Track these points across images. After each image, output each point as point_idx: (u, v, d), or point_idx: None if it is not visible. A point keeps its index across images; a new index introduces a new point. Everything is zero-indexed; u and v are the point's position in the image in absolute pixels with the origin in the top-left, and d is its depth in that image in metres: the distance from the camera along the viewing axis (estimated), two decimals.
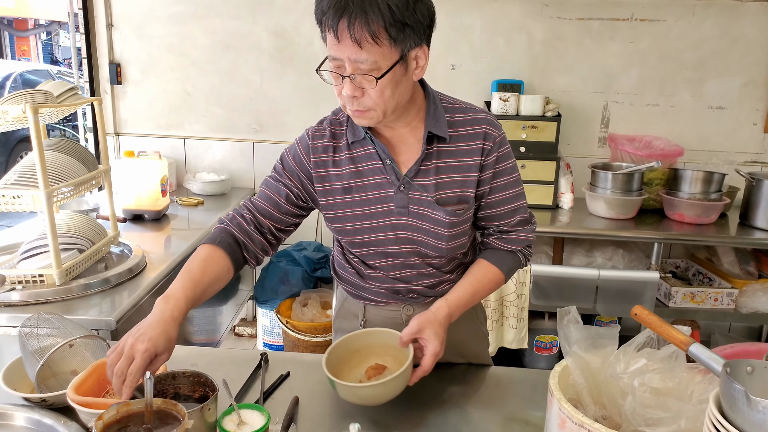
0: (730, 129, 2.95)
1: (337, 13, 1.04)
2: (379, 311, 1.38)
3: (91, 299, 1.69)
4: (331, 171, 1.27)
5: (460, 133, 1.24)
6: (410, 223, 1.25)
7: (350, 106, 1.14)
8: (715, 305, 2.53)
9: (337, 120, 1.29)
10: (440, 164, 1.24)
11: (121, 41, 3.01)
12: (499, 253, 1.32)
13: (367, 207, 1.26)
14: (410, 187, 1.24)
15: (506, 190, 1.28)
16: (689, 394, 0.88)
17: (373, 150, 1.24)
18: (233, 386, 1.20)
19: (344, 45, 1.06)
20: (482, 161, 1.24)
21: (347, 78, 1.10)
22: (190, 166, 3.16)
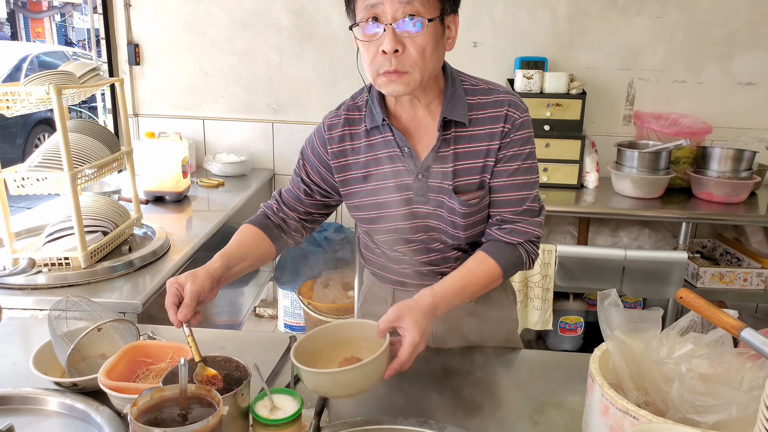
0: (761, 105, 2.86)
1: None
2: (408, 295, 1.35)
3: (116, 282, 1.69)
4: (350, 159, 1.25)
5: (481, 116, 1.18)
6: (430, 211, 1.22)
7: (388, 66, 1.08)
8: (744, 286, 2.48)
9: (354, 105, 1.27)
10: (458, 150, 1.18)
11: (139, 21, 2.98)
12: (498, 245, 1.21)
13: (386, 195, 1.23)
14: (429, 174, 1.19)
15: (515, 176, 1.19)
16: (739, 381, 0.86)
17: (391, 137, 1.20)
18: (263, 370, 1.19)
19: None
20: (501, 143, 1.18)
21: (389, 28, 1.05)
22: (209, 147, 3.15)
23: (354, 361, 1.04)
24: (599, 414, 0.91)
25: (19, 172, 1.62)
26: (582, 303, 2.75)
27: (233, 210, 2.50)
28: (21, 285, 1.62)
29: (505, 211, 1.21)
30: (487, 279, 1.18)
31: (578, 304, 2.71)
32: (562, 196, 2.57)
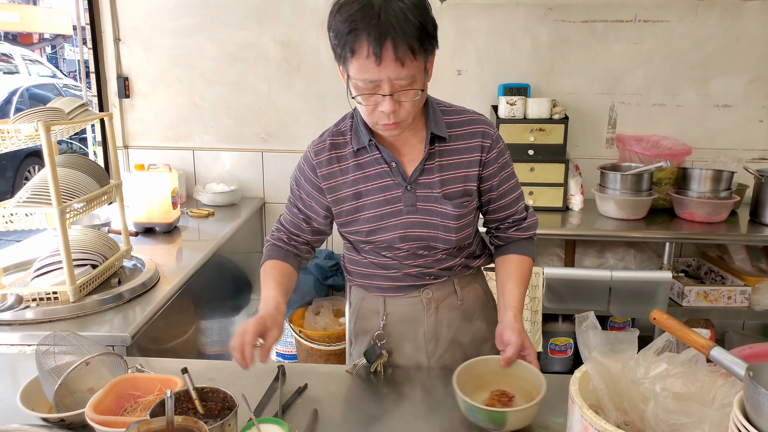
0: (737, 126, 2.93)
1: (380, 37, 1.09)
2: (400, 301, 1.43)
3: (105, 315, 1.70)
4: (340, 180, 1.34)
5: (459, 132, 1.33)
6: (419, 220, 1.33)
7: (386, 120, 1.20)
8: (728, 303, 2.51)
9: (339, 131, 1.37)
10: (443, 162, 1.32)
11: (129, 55, 3.03)
12: (521, 242, 1.42)
13: (377, 209, 1.33)
14: (417, 186, 1.31)
15: (510, 180, 1.38)
16: (712, 398, 0.88)
17: (378, 155, 1.31)
18: (251, 399, 1.20)
19: (385, 66, 1.12)
20: (483, 157, 1.33)
21: (389, 98, 1.15)
22: (199, 177, 3.18)
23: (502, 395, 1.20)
24: None
25: (7, 208, 1.64)
26: (571, 324, 2.77)
27: (223, 240, 2.52)
28: (8, 321, 1.62)
29: (512, 212, 1.41)
30: (530, 272, 1.42)
31: (567, 326, 2.72)
32: (548, 219, 2.61)
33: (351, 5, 1.13)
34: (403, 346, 1.44)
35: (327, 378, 1.36)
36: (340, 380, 1.36)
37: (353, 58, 1.13)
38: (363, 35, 1.10)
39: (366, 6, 1.11)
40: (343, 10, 1.14)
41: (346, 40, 1.12)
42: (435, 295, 1.41)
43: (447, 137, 1.31)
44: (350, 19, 1.11)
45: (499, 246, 1.46)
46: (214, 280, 2.46)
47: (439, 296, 1.42)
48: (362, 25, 1.10)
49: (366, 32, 1.10)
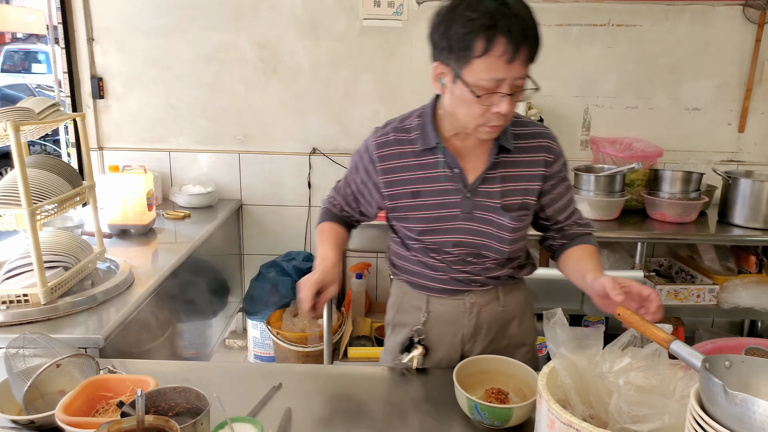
0: (707, 129, 3.01)
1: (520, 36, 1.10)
2: (443, 302, 1.43)
3: (78, 317, 1.68)
4: (399, 176, 1.34)
5: (524, 145, 1.33)
6: (473, 227, 1.33)
7: (496, 121, 1.19)
8: (697, 302, 2.57)
9: (403, 127, 1.36)
10: (506, 173, 1.32)
11: (103, 55, 3.00)
12: (585, 236, 1.43)
13: (433, 211, 1.34)
14: (476, 193, 1.32)
15: (569, 190, 1.42)
16: (672, 390, 0.91)
17: (443, 158, 1.31)
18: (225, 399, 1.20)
19: (515, 65, 1.12)
20: (545, 172, 1.34)
21: (508, 97, 1.15)
22: (176, 179, 3.16)
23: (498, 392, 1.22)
24: (547, 428, 0.95)
25: None
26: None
27: (199, 241, 2.50)
28: None
29: (572, 216, 1.43)
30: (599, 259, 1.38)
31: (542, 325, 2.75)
32: None
33: (482, 3, 1.11)
34: (440, 346, 1.44)
35: (302, 377, 1.36)
36: (314, 379, 1.37)
37: (484, 56, 1.11)
38: (503, 33, 1.08)
39: (503, 4, 1.10)
40: (472, 6, 1.11)
41: (479, 36, 1.09)
42: (478, 300, 1.41)
43: (512, 149, 1.31)
44: (488, 15, 1.09)
45: (562, 244, 1.44)
46: (190, 282, 2.44)
47: (482, 301, 1.42)
48: (503, 22, 1.08)
49: (507, 30, 1.08)
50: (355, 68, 2.98)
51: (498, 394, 1.20)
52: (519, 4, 1.12)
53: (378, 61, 2.96)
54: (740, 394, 0.67)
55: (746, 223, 2.57)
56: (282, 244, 3.19)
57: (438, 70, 1.22)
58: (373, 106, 3.02)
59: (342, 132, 3.07)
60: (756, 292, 2.54)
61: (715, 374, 0.74)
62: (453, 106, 1.22)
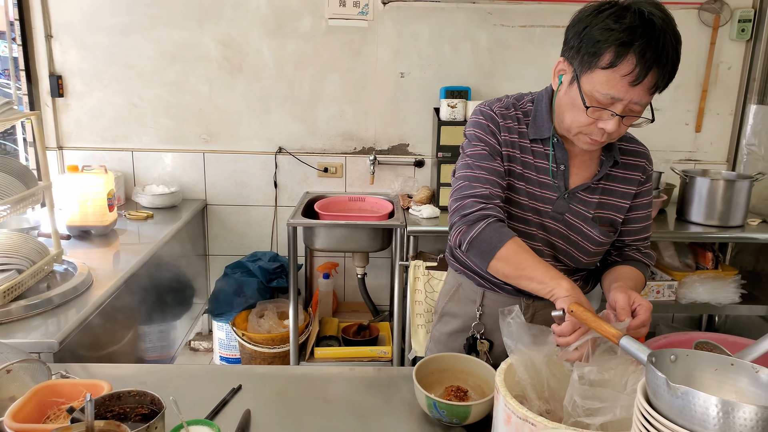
0: (666, 129, 3.09)
1: (652, 61, 1.05)
2: (498, 297, 1.40)
3: (32, 321, 1.64)
4: (513, 153, 1.29)
5: (625, 161, 1.31)
6: (560, 230, 1.31)
7: (599, 138, 1.16)
8: (657, 298, 2.64)
9: (521, 107, 1.31)
10: (606, 186, 1.30)
11: (62, 52, 2.92)
12: (639, 263, 1.35)
13: (527, 199, 1.29)
14: (573, 198, 1.29)
15: (648, 209, 1.36)
16: (624, 384, 0.93)
17: (552, 152, 1.27)
18: (184, 402, 1.18)
19: (637, 89, 1.08)
20: (637, 190, 1.32)
21: (618, 118, 1.11)
22: (139, 178, 3.10)
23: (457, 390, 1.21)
24: (503, 423, 0.96)
25: None
26: None
27: (162, 242, 2.46)
28: None
29: (641, 240, 1.37)
30: (641, 286, 1.32)
31: None
32: None
33: (629, 15, 1.07)
34: (493, 341, 1.42)
35: (262, 379, 1.35)
36: (275, 380, 1.35)
37: (608, 69, 1.07)
38: (635, 53, 1.05)
39: (648, 24, 1.05)
40: (615, 16, 1.08)
41: (610, 48, 1.06)
42: (535, 302, 1.38)
43: (619, 162, 1.29)
44: (628, 31, 1.05)
45: (615, 262, 1.38)
46: (152, 283, 2.40)
47: (538, 305, 1.39)
48: (640, 43, 1.04)
49: (641, 51, 1.04)
50: (320, 68, 2.96)
51: (457, 391, 1.21)
52: (666, 28, 1.07)
53: (344, 60, 2.95)
54: (682, 387, 0.69)
55: (703, 220, 2.64)
56: (247, 244, 3.16)
57: (560, 66, 1.20)
58: (339, 105, 3.02)
59: (308, 131, 3.05)
60: (712, 288, 2.62)
61: (660, 368, 0.76)
62: (562, 106, 1.21)
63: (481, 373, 1.25)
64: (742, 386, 0.79)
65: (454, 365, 1.28)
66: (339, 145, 3.07)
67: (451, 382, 1.26)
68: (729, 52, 3.00)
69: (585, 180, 1.30)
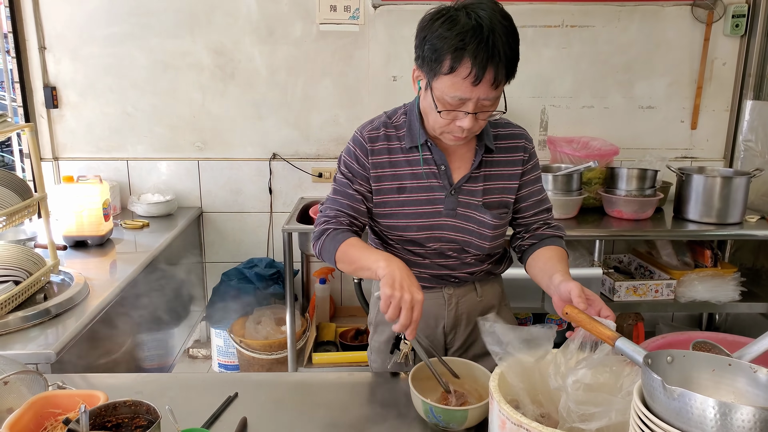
0: (660, 127, 3.09)
1: (486, 61, 1.11)
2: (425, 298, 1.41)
3: (29, 332, 1.63)
4: (387, 171, 1.36)
5: (503, 145, 1.39)
6: (455, 224, 1.37)
7: (460, 134, 1.24)
8: (656, 297, 2.63)
9: (392, 123, 1.39)
10: (488, 172, 1.37)
11: (56, 64, 2.92)
12: (554, 239, 1.43)
13: (417, 207, 1.36)
14: (460, 192, 1.36)
15: (539, 184, 1.44)
16: (619, 387, 0.92)
17: (429, 156, 1.35)
18: (180, 411, 1.18)
19: (480, 87, 1.14)
20: (522, 170, 1.40)
21: (471, 116, 1.19)
22: (134, 188, 3.09)
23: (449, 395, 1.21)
24: (498, 429, 0.95)
25: None
26: None
27: (158, 250, 2.46)
28: None
29: (543, 216, 1.45)
30: (567, 261, 1.38)
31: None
32: None
33: (459, 22, 1.13)
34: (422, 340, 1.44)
35: (258, 386, 1.35)
36: (271, 387, 1.35)
37: (450, 75, 1.14)
38: (469, 56, 1.11)
39: (476, 27, 1.12)
40: (448, 23, 1.14)
41: (447, 55, 1.13)
42: (456, 291, 1.45)
43: (494, 149, 1.36)
44: (459, 36, 1.11)
45: (531, 245, 1.44)
46: (149, 292, 2.40)
47: (459, 292, 1.46)
48: (471, 46, 1.11)
49: (473, 54, 1.11)
50: (313, 73, 2.96)
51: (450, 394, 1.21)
52: (495, 27, 1.13)
53: (336, 65, 2.95)
54: (678, 389, 0.69)
55: (700, 218, 2.63)
56: (243, 251, 3.15)
57: (416, 73, 1.27)
58: (332, 110, 3.02)
59: (302, 137, 3.05)
60: (711, 286, 2.62)
61: (657, 370, 0.76)
62: (425, 110, 1.28)
63: (478, 377, 1.25)
64: (740, 387, 0.79)
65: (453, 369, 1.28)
66: (333, 150, 3.07)
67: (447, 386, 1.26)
68: (723, 47, 3.01)
69: (466, 172, 1.36)
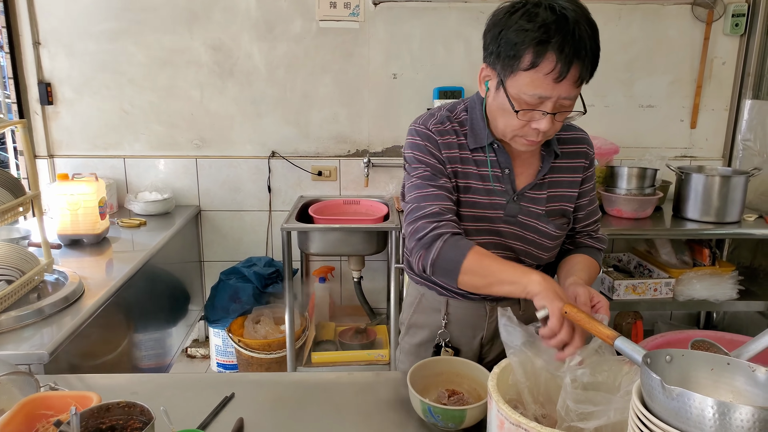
0: (661, 126, 3.08)
1: (573, 56, 1.03)
2: (462, 304, 1.39)
3: (23, 332, 1.62)
4: (458, 168, 1.27)
5: (566, 150, 1.31)
6: (514, 232, 1.29)
7: (534, 137, 1.15)
8: (655, 295, 2.62)
9: (456, 118, 1.29)
10: (552, 179, 1.30)
11: (50, 60, 2.90)
12: (591, 250, 1.37)
13: (478, 210, 1.28)
14: (523, 198, 1.28)
15: (593, 194, 1.38)
16: (617, 386, 0.91)
17: (494, 158, 1.26)
18: (176, 412, 1.16)
19: (562, 85, 1.06)
20: (582, 177, 1.33)
21: (550, 117, 1.10)
22: (131, 186, 3.08)
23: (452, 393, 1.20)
24: (497, 429, 0.94)
25: None
26: None
27: (155, 249, 2.44)
28: None
29: (588, 226, 1.39)
30: (595, 274, 1.34)
31: None
32: None
33: (541, 11, 1.05)
34: (460, 348, 1.41)
35: (255, 386, 1.33)
36: (268, 388, 1.34)
37: (531, 71, 1.06)
38: (554, 49, 1.03)
39: (561, 19, 1.04)
40: (529, 14, 1.05)
41: (529, 49, 1.04)
42: (499, 302, 1.37)
43: (560, 154, 1.29)
44: (543, 28, 1.03)
45: (568, 250, 1.39)
46: (146, 291, 2.38)
47: (502, 304, 1.34)
48: (557, 39, 1.03)
49: (559, 47, 1.03)
50: (312, 70, 2.95)
51: (452, 395, 1.20)
52: (580, 19, 1.05)
53: (336, 62, 2.94)
54: (677, 389, 0.68)
55: (699, 217, 2.62)
56: (242, 250, 3.14)
57: (484, 72, 1.18)
58: (332, 108, 3.00)
59: (301, 134, 3.03)
60: (709, 284, 2.61)
61: (656, 369, 0.75)
62: (494, 112, 1.19)
63: (476, 376, 1.23)
64: (739, 386, 0.78)
65: (449, 368, 1.27)
66: (332, 148, 3.06)
67: (446, 386, 1.25)
68: (723, 47, 2.99)
69: (530, 179, 1.29)
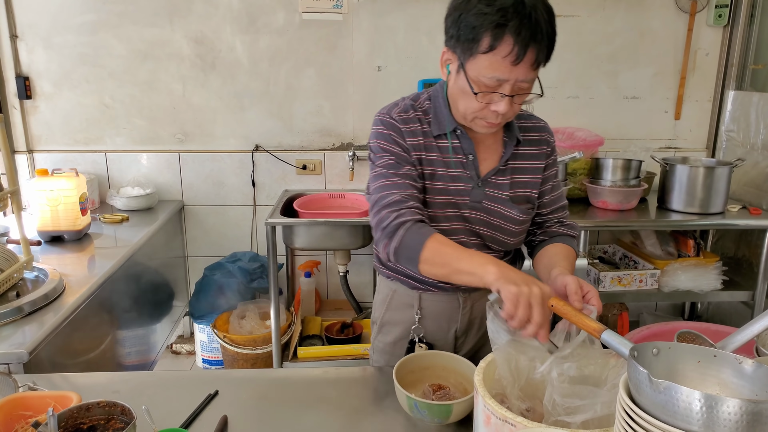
0: (645, 117, 3.09)
1: (529, 38, 1.06)
2: (435, 297, 1.39)
3: (1, 331, 1.58)
4: (423, 155, 1.28)
5: (528, 138, 1.34)
6: (481, 218, 1.31)
7: (494, 119, 1.18)
8: (640, 287, 2.64)
9: (420, 107, 1.30)
10: (515, 165, 1.32)
11: (28, 53, 2.84)
12: (566, 237, 1.39)
13: (444, 196, 1.29)
14: (487, 184, 1.30)
15: (557, 179, 1.40)
16: (604, 380, 0.91)
17: (458, 144, 1.28)
18: (158, 411, 1.14)
19: (520, 68, 1.09)
20: (545, 164, 1.35)
21: (508, 99, 1.13)
22: (113, 181, 3.03)
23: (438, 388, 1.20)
24: (483, 425, 0.93)
25: None
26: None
27: (138, 245, 2.41)
28: None
29: (559, 214, 1.40)
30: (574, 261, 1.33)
31: None
32: None
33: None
34: (434, 342, 1.41)
35: (239, 383, 1.32)
36: (253, 384, 1.32)
37: (489, 53, 1.08)
38: (511, 33, 1.06)
39: (519, 3, 1.06)
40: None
41: (487, 32, 1.07)
42: (471, 294, 1.38)
43: (521, 140, 1.31)
44: (501, 11, 1.06)
45: (541, 241, 1.40)
46: (129, 287, 2.35)
47: (475, 295, 1.39)
48: (514, 22, 1.05)
49: (516, 31, 1.05)
50: (296, 63, 2.92)
51: (438, 390, 1.19)
52: (537, 4, 1.08)
53: (319, 55, 2.91)
54: (664, 382, 0.67)
55: (684, 208, 2.64)
56: (227, 245, 3.11)
57: (445, 56, 1.21)
58: (316, 101, 2.97)
59: (285, 128, 3.00)
60: (693, 275, 2.62)
61: (643, 362, 0.74)
62: (455, 95, 1.22)
63: (462, 371, 1.23)
64: (726, 378, 0.78)
65: (435, 362, 1.26)
66: (317, 142, 3.03)
67: (432, 381, 1.24)
68: (706, 38, 3.01)
69: (494, 164, 1.31)
